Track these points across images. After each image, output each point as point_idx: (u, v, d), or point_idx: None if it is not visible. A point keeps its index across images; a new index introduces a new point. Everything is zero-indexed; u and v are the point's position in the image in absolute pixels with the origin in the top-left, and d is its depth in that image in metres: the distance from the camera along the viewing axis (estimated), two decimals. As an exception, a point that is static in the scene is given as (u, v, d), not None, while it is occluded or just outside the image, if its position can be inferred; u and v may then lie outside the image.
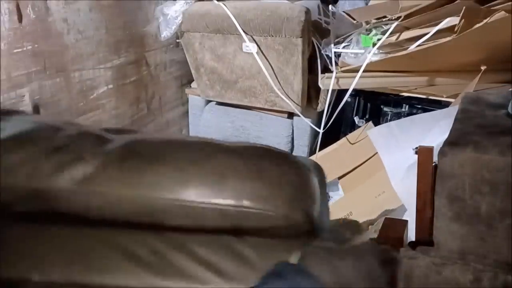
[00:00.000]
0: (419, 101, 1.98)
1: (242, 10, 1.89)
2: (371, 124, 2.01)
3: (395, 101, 2.05)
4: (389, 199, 1.65)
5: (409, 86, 1.93)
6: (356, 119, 2.10)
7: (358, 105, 2.11)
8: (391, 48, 1.80)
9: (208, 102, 2.33)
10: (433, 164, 0.86)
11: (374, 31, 1.89)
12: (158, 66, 2.17)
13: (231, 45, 1.99)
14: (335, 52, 1.95)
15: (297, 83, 1.98)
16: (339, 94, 2.04)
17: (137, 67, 2.03)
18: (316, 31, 2.04)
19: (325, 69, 2.00)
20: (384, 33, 1.81)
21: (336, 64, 1.94)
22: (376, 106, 2.10)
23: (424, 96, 1.95)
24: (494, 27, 1.56)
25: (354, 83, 1.85)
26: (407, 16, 1.76)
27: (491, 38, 1.64)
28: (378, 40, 1.81)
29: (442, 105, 1.90)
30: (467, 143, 0.83)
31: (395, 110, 2.05)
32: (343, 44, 1.95)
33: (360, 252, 0.72)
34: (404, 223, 0.96)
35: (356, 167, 1.90)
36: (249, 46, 1.94)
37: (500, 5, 1.57)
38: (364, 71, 1.82)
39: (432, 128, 1.52)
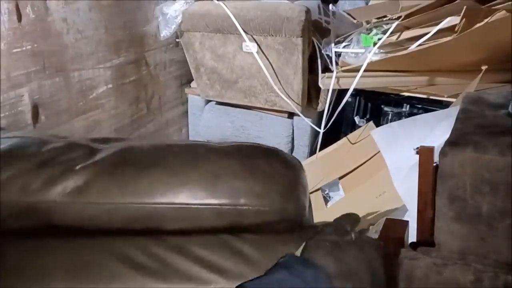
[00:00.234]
0: (420, 101, 1.98)
1: (242, 10, 1.89)
2: (372, 124, 2.00)
3: (396, 101, 2.05)
4: (390, 199, 1.65)
5: (410, 86, 1.92)
6: (357, 119, 2.10)
7: (359, 105, 2.11)
8: (392, 48, 1.80)
9: (208, 102, 2.33)
10: (434, 164, 0.86)
11: (375, 31, 1.89)
12: (158, 66, 2.17)
13: (231, 45, 1.99)
14: (336, 52, 1.95)
15: (297, 83, 1.98)
16: (340, 94, 2.04)
17: (137, 67, 2.03)
18: (317, 31, 2.03)
19: (326, 69, 2.00)
20: (385, 33, 1.81)
21: (337, 64, 1.94)
22: (377, 106, 2.10)
23: (425, 96, 1.95)
24: (495, 27, 1.55)
25: (355, 83, 1.85)
26: (408, 16, 1.76)
27: (492, 38, 1.63)
28: (379, 40, 1.81)
29: (443, 105, 1.90)
30: (468, 143, 0.83)
31: (396, 110, 2.05)
32: (344, 44, 1.95)
33: (362, 244, 0.73)
34: (405, 224, 0.96)
35: (357, 167, 1.90)
36: (249, 46, 1.93)
37: (501, 5, 1.57)
38: (365, 71, 1.82)
39: (434, 128, 1.52)
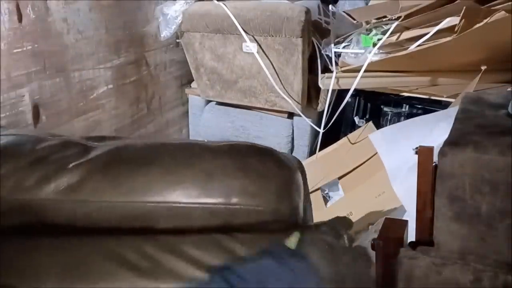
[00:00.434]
0: (420, 101, 1.98)
1: (242, 10, 1.89)
2: (371, 124, 2.01)
3: (396, 101, 2.05)
4: (389, 199, 1.65)
5: (410, 86, 1.93)
6: (356, 119, 2.10)
7: (359, 105, 2.11)
8: (392, 48, 1.80)
9: (208, 102, 2.33)
10: (433, 164, 0.86)
11: (374, 31, 1.89)
12: (158, 66, 2.17)
13: (231, 45, 1.99)
14: (335, 52, 1.95)
15: (297, 83, 1.98)
16: (340, 94, 2.04)
17: (137, 67, 2.03)
18: (316, 31, 2.04)
19: (325, 69, 2.00)
20: (384, 33, 1.81)
21: (336, 64, 1.94)
22: (377, 106, 2.10)
23: (425, 96, 1.95)
24: (494, 27, 1.56)
25: (355, 83, 1.85)
26: (407, 16, 1.76)
27: (491, 38, 1.64)
28: (378, 40, 1.81)
29: (443, 105, 1.90)
30: (467, 143, 0.83)
31: (396, 110, 2.05)
32: (343, 44, 1.95)
33: (356, 254, 0.72)
34: (404, 223, 0.96)
35: (356, 167, 1.90)
36: (249, 46, 1.94)
37: (500, 5, 1.57)
38: (365, 71, 1.82)
39: (432, 130, 1.52)
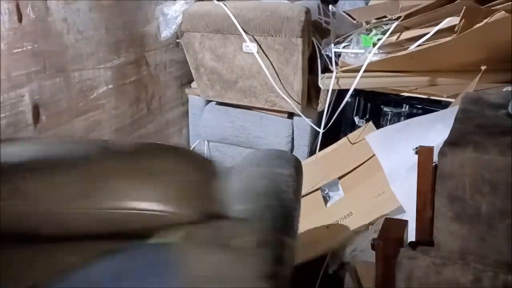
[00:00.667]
0: (419, 101, 1.98)
1: (242, 10, 1.89)
2: (371, 125, 2.01)
3: (395, 101, 2.05)
4: (389, 199, 1.65)
5: (409, 86, 1.93)
6: (356, 119, 2.10)
7: (358, 105, 2.11)
8: (391, 48, 1.80)
9: (208, 102, 2.33)
10: (433, 164, 0.86)
11: (374, 31, 1.89)
12: (158, 66, 2.17)
13: (231, 45, 1.99)
14: (335, 52, 1.95)
15: (297, 83, 1.98)
16: (339, 94, 2.04)
17: (137, 67, 2.03)
18: (316, 31, 2.04)
19: (325, 69, 2.00)
20: (384, 33, 1.81)
21: (336, 64, 1.94)
22: (376, 106, 2.10)
23: (424, 96, 1.95)
24: (494, 27, 1.56)
25: (355, 83, 1.85)
26: (407, 16, 1.76)
27: (491, 38, 1.64)
28: (378, 40, 1.81)
29: (442, 105, 1.90)
30: (467, 143, 0.83)
31: (395, 110, 2.05)
32: (343, 44, 1.95)
33: (241, 257, 0.69)
34: (404, 223, 0.96)
35: (356, 167, 1.90)
36: (249, 46, 1.94)
37: (500, 5, 1.57)
38: (364, 71, 1.82)
39: (430, 130, 1.52)
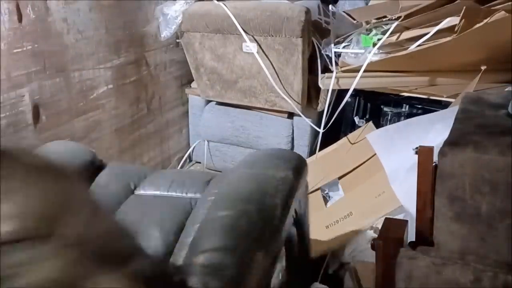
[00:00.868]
0: (419, 101, 1.98)
1: (242, 10, 1.89)
2: (371, 125, 2.01)
3: (395, 101, 2.05)
4: (389, 199, 1.65)
5: (409, 86, 1.93)
6: (356, 119, 2.10)
7: (358, 105, 2.11)
8: (391, 48, 1.80)
9: (208, 102, 2.34)
10: (433, 164, 0.86)
11: (374, 31, 1.89)
12: (158, 66, 2.17)
13: (231, 45, 1.99)
14: (335, 52, 1.95)
15: (297, 83, 1.98)
16: (339, 94, 2.04)
17: (137, 67, 2.03)
18: (316, 31, 2.04)
19: (325, 69, 2.00)
20: (384, 33, 1.81)
21: (336, 64, 1.94)
22: (376, 106, 2.10)
23: (424, 96, 1.95)
24: (494, 27, 1.56)
25: (355, 83, 1.86)
26: (407, 16, 1.76)
27: (491, 38, 1.64)
28: (378, 40, 1.81)
29: (442, 105, 1.90)
30: (467, 143, 0.83)
31: (395, 110, 2.05)
32: (343, 44, 1.95)
33: None
34: (404, 223, 0.96)
35: (356, 167, 1.90)
36: (249, 46, 1.94)
37: (500, 5, 1.57)
38: (364, 71, 1.82)
39: (430, 130, 1.52)
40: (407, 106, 2.03)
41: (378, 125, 2.02)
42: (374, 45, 1.81)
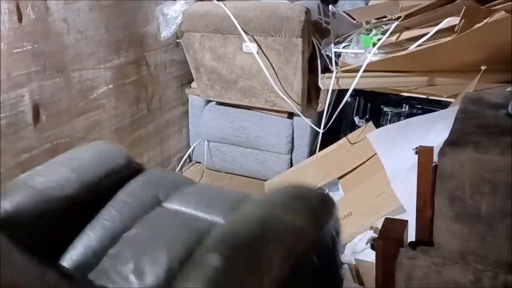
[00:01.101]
0: (419, 101, 1.98)
1: (242, 10, 1.90)
2: (371, 124, 2.01)
3: (395, 101, 2.05)
4: (389, 199, 1.65)
5: (409, 86, 1.93)
6: (356, 119, 2.10)
7: (358, 105, 2.11)
8: (391, 48, 1.80)
9: (208, 102, 2.34)
10: (433, 164, 0.86)
11: (374, 31, 1.89)
12: (158, 66, 2.17)
13: (231, 45, 1.99)
14: (335, 52, 1.95)
15: (297, 83, 1.98)
16: (339, 94, 2.04)
17: (137, 67, 2.03)
18: (316, 31, 2.04)
19: (325, 69, 2.00)
20: (384, 33, 1.81)
21: (336, 64, 1.95)
22: (376, 106, 2.10)
23: (424, 96, 1.95)
24: (494, 27, 1.56)
25: (354, 83, 1.86)
26: (407, 16, 1.76)
27: (491, 38, 1.64)
28: (378, 40, 1.81)
29: (442, 105, 1.90)
30: (467, 143, 0.83)
31: (395, 110, 2.05)
32: (343, 44, 1.95)
33: None
34: (404, 223, 0.96)
35: (356, 167, 1.90)
36: (249, 46, 1.94)
37: (500, 5, 1.57)
38: (364, 71, 1.82)
39: (431, 130, 1.52)
40: (407, 106, 2.03)
41: (378, 125, 2.02)
42: (374, 45, 1.81)
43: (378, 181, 1.74)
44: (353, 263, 1.57)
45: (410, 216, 0.95)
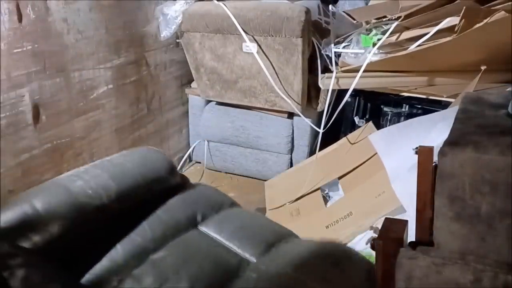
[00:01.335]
0: (419, 101, 1.99)
1: (242, 10, 1.90)
2: (371, 124, 2.01)
3: (395, 101, 2.05)
4: (389, 199, 1.65)
5: (409, 86, 1.93)
6: (356, 119, 2.10)
7: (358, 105, 2.12)
8: (391, 48, 1.80)
9: (208, 102, 2.34)
10: (433, 164, 0.86)
11: (374, 31, 1.89)
12: (158, 66, 2.17)
13: (231, 45, 1.99)
14: (335, 52, 1.95)
15: (297, 83, 1.98)
16: (339, 94, 2.04)
17: (137, 67, 2.03)
18: (316, 31, 2.04)
19: (325, 69, 2.00)
20: (384, 33, 1.81)
21: (336, 64, 1.95)
22: (376, 106, 2.10)
23: (424, 96, 1.95)
24: (494, 27, 1.56)
25: (354, 83, 1.86)
26: (407, 16, 1.76)
27: (491, 38, 1.64)
28: (378, 40, 1.81)
29: (442, 105, 1.90)
30: (467, 143, 0.83)
31: (395, 110, 2.06)
32: (343, 44, 1.96)
33: None
34: (404, 223, 0.96)
35: (356, 167, 1.90)
36: (249, 46, 1.94)
37: (500, 5, 1.57)
38: (364, 71, 1.82)
39: (431, 130, 1.52)
40: (407, 106, 2.03)
41: (378, 125, 2.02)
42: (374, 45, 1.81)
43: (378, 181, 1.74)
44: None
45: (410, 216, 0.95)
